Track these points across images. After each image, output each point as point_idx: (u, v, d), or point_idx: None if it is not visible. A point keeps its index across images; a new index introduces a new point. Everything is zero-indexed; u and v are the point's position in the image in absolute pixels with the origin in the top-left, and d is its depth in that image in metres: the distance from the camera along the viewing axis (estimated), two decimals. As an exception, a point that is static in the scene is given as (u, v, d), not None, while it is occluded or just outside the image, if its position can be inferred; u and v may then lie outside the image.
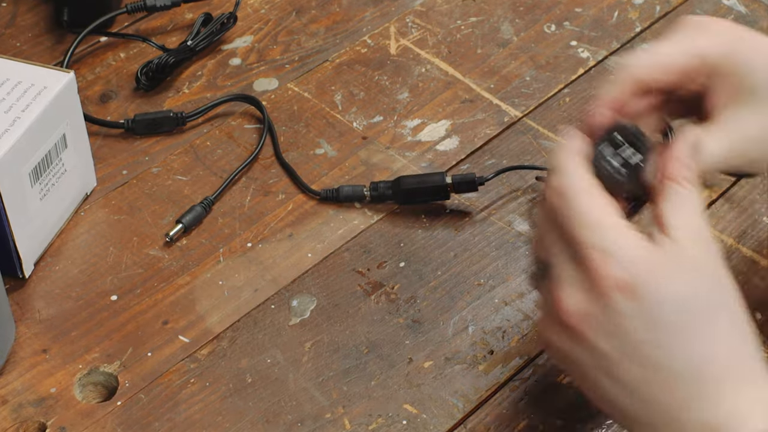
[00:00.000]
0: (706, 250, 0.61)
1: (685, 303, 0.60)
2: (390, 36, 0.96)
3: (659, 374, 0.60)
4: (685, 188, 0.62)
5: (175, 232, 0.81)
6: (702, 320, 0.60)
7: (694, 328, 0.60)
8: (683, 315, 0.60)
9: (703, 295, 0.61)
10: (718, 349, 0.60)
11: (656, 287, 0.60)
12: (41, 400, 0.72)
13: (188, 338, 0.76)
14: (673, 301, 0.60)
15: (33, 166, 0.76)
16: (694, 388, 0.60)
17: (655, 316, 0.60)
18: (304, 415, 0.72)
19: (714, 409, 0.59)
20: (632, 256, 0.60)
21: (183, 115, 0.88)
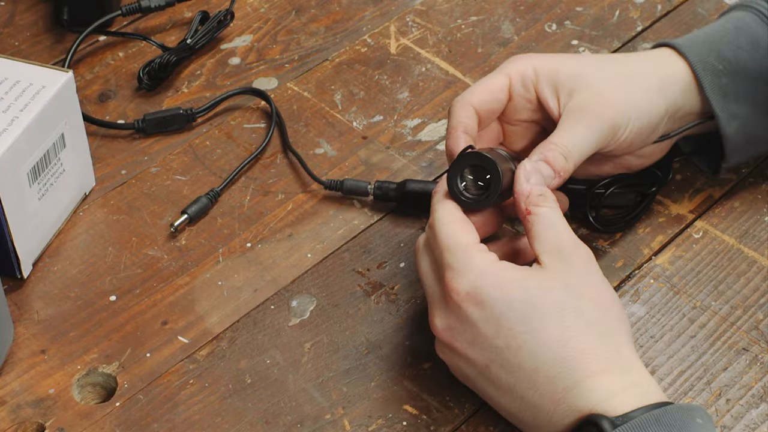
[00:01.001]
0: (565, 265, 0.68)
1: (527, 305, 0.66)
2: (390, 35, 0.96)
3: (523, 374, 0.66)
4: (536, 214, 0.69)
5: (180, 223, 0.81)
6: (547, 320, 0.66)
7: (542, 328, 0.65)
8: (526, 316, 0.66)
9: (545, 297, 0.66)
10: (572, 343, 0.65)
11: (499, 295, 0.66)
12: (40, 401, 0.72)
13: (187, 339, 0.76)
14: (516, 304, 0.66)
15: (31, 165, 0.76)
16: (559, 383, 0.65)
17: (502, 321, 0.66)
18: (303, 416, 0.72)
19: (584, 399, 0.64)
20: (479, 271, 0.67)
21: (193, 112, 0.88)
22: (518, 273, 0.67)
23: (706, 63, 0.78)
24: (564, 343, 0.65)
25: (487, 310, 0.66)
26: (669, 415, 0.63)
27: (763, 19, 0.79)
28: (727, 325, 0.76)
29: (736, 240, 0.81)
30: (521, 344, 0.66)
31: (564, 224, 0.69)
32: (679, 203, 0.83)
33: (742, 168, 0.85)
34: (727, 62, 0.78)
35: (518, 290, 0.66)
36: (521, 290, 0.66)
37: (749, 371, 0.74)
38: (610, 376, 0.65)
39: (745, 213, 0.83)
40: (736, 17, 0.81)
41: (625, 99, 0.75)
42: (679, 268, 0.80)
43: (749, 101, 0.78)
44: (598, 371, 0.65)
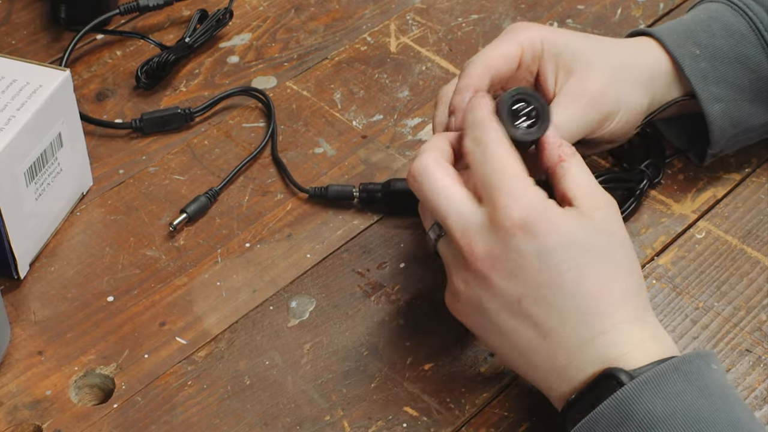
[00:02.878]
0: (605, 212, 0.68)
1: (578, 245, 0.66)
2: (390, 33, 0.96)
3: (555, 312, 0.66)
4: (568, 162, 0.69)
5: (179, 222, 0.80)
6: (593, 263, 0.66)
7: (585, 268, 0.66)
8: (576, 256, 0.66)
9: (594, 241, 0.66)
10: (609, 289, 0.66)
11: (553, 229, 0.66)
12: (36, 403, 0.72)
13: (185, 340, 0.75)
14: (568, 242, 0.66)
15: (28, 165, 0.76)
16: (588, 326, 0.66)
17: (552, 256, 0.66)
18: (302, 418, 0.71)
19: (608, 348, 0.65)
20: (533, 202, 0.66)
21: (191, 111, 0.88)
22: (571, 213, 0.67)
23: (684, 48, 0.79)
24: (606, 287, 0.66)
25: (539, 241, 0.66)
26: (687, 363, 0.64)
27: (735, 8, 0.81)
28: (730, 326, 0.76)
29: (739, 240, 0.81)
30: (564, 282, 0.65)
31: (590, 175, 0.69)
32: (682, 203, 0.83)
33: (745, 167, 0.85)
34: (704, 47, 0.79)
35: (571, 229, 0.66)
36: (574, 229, 0.66)
37: (752, 372, 0.73)
38: (637, 327, 0.66)
39: (748, 213, 0.82)
40: (708, 8, 0.83)
41: (618, 92, 0.77)
42: (681, 268, 0.79)
43: (730, 85, 0.79)
44: (628, 320, 0.66)
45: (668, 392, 0.62)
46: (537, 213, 0.66)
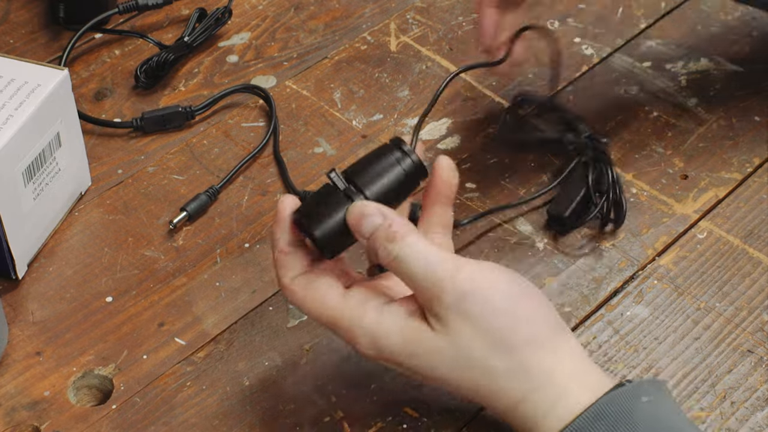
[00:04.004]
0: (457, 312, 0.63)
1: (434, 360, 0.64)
2: (390, 32, 0.96)
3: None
4: (400, 247, 0.63)
5: (178, 220, 0.80)
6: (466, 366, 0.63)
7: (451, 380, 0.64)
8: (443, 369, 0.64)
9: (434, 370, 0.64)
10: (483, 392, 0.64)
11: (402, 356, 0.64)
12: (34, 404, 0.72)
13: (184, 341, 0.75)
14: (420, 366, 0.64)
15: (26, 165, 0.75)
16: (494, 406, 0.64)
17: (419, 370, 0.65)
18: (302, 419, 0.71)
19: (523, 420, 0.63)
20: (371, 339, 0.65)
21: (192, 109, 0.87)
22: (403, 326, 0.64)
23: None
24: (475, 392, 0.64)
25: (403, 368, 0.65)
26: (611, 405, 0.61)
27: None
28: (732, 327, 0.75)
29: (741, 240, 0.80)
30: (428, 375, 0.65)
31: (432, 252, 0.63)
32: (683, 203, 0.83)
33: (747, 167, 0.85)
34: None
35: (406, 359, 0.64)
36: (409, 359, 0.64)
37: (754, 373, 0.73)
38: (542, 392, 0.63)
39: (749, 213, 0.82)
40: None
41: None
42: (683, 268, 0.79)
43: None
44: (530, 388, 0.63)
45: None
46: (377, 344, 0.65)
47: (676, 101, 0.89)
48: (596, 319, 0.76)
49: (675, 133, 0.87)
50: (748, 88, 0.90)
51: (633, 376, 0.73)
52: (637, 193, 0.83)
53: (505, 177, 0.85)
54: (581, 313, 0.77)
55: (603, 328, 0.76)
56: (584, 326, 0.76)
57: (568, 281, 0.78)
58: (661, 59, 0.92)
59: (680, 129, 0.88)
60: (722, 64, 0.92)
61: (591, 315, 0.77)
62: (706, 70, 0.92)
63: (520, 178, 0.85)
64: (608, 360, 0.74)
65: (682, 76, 0.91)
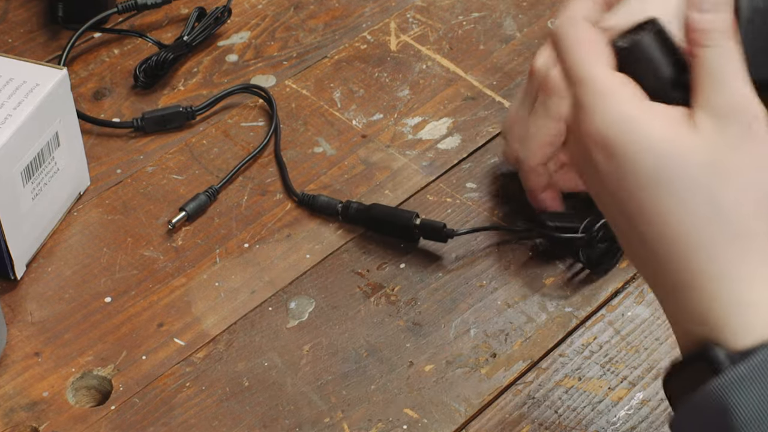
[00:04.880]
0: (730, 124, 0.54)
1: (673, 174, 0.54)
2: (390, 32, 0.95)
3: (640, 238, 0.56)
4: (699, 56, 0.55)
5: (177, 220, 0.80)
6: (694, 200, 0.54)
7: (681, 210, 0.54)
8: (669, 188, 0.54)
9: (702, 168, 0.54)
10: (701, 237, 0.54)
11: (634, 149, 0.55)
12: (33, 405, 0.71)
13: (184, 341, 0.75)
14: (656, 167, 0.54)
15: (25, 165, 0.75)
16: (682, 268, 0.55)
17: (634, 183, 0.55)
18: (302, 420, 0.71)
19: (709, 303, 0.54)
20: (617, 113, 0.56)
21: (192, 109, 0.87)
22: (663, 132, 0.54)
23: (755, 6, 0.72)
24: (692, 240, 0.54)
25: (616, 166, 0.55)
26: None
27: None
28: (734, 327, 0.75)
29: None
30: (649, 225, 0.55)
31: (736, 72, 0.55)
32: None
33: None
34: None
35: (655, 156, 0.54)
36: (658, 156, 0.54)
37: (756, 374, 0.73)
38: (754, 283, 0.53)
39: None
40: None
41: None
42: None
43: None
44: (742, 270, 0.54)
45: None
46: (618, 127, 0.55)
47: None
48: (597, 319, 0.76)
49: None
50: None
51: (634, 377, 0.73)
52: (638, 193, 0.83)
53: (506, 177, 0.84)
54: (582, 314, 0.76)
55: (604, 329, 0.76)
56: (585, 327, 0.76)
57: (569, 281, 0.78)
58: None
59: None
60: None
61: (592, 315, 0.76)
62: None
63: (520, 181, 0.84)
64: (609, 361, 0.74)
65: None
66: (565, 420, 0.71)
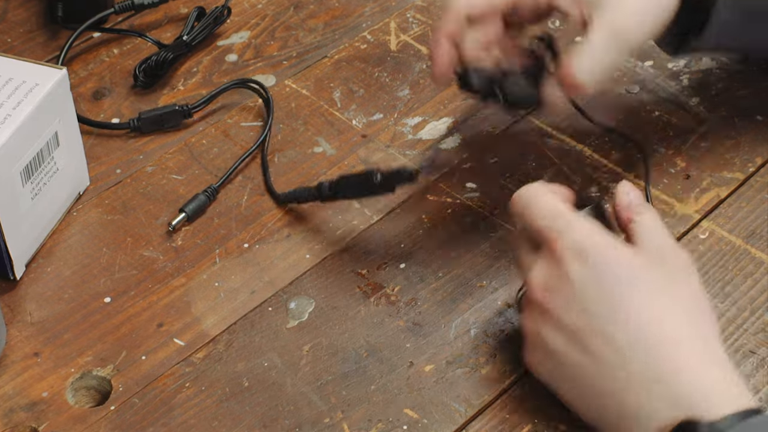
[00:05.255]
0: (671, 256, 0.67)
1: (637, 275, 0.65)
2: (390, 31, 0.95)
3: (617, 347, 0.63)
4: (638, 218, 0.68)
5: (177, 222, 0.80)
6: (656, 295, 0.65)
7: (646, 300, 0.64)
8: (634, 286, 0.64)
9: (658, 273, 0.65)
10: (676, 325, 0.64)
11: (605, 257, 0.65)
12: (33, 405, 0.71)
13: (183, 341, 0.74)
14: (624, 272, 0.65)
15: (24, 164, 0.75)
16: (654, 364, 0.63)
17: (605, 285, 0.64)
18: (302, 420, 0.71)
19: (681, 390, 0.61)
20: (585, 232, 0.67)
21: (189, 108, 0.87)
22: (624, 247, 0.66)
23: None
24: (673, 323, 0.63)
25: (590, 269, 0.65)
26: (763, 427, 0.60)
27: None
28: (734, 327, 0.75)
29: (743, 240, 0.80)
30: (622, 314, 0.64)
31: (664, 230, 0.68)
32: (685, 203, 0.82)
33: (749, 166, 0.84)
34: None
35: (624, 260, 0.65)
36: (627, 260, 0.65)
37: (756, 374, 0.73)
38: (713, 369, 0.62)
39: (752, 213, 0.82)
40: None
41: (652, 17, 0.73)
42: (684, 269, 0.78)
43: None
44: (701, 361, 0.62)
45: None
46: (588, 241, 0.66)
47: (678, 101, 0.89)
48: (597, 319, 0.76)
49: (677, 133, 0.87)
50: (750, 87, 0.90)
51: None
52: (638, 193, 0.83)
53: (506, 177, 0.84)
54: (582, 314, 0.76)
55: (604, 329, 0.75)
56: (585, 327, 0.75)
57: (569, 281, 0.78)
58: (663, 58, 0.91)
59: (682, 128, 0.87)
60: (724, 64, 0.92)
61: (592, 315, 0.76)
62: (708, 69, 0.91)
63: (520, 178, 0.84)
64: (610, 361, 0.74)
65: (684, 75, 0.91)
66: (565, 421, 0.71)
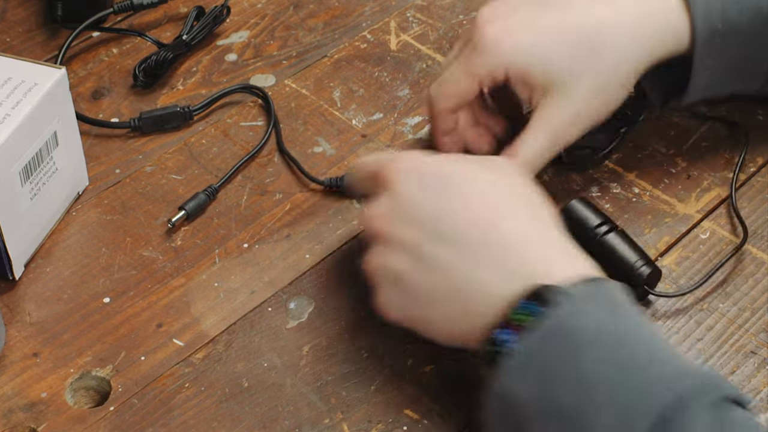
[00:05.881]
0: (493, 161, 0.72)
1: (463, 177, 0.69)
2: (390, 31, 0.95)
3: (460, 247, 0.66)
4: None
5: (177, 219, 0.80)
6: (482, 191, 0.68)
7: (477, 192, 0.68)
8: (463, 182, 0.68)
9: (482, 172, 0.69)
10: (508, 209, 0.68)
11: (436, 166, 0.70)
12: (31, 406, 0.71)
13: (183, 342, 0.74)
14: (455, 174, 0.69)
15: (23, 164, 0.75)
16: (497, 249, 0.66)
17: (432, 186, 0.68)
18: (301, 421, 0.70)
19: (527, 266, 0.65)
20: (414, 154, 0.72)
21: (190, 109, 0.87)
22: (453, 156, 0.74)
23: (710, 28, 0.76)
24: (505, 208, 0.67)
25: (418, 179, 0.69)
26: (613, 288, 0.64)
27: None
28: (735, 328, 0.75)
29: (744, 241, 0.80)
30: (453, 213, 0.67)
31: None
32: (686, 203, 0.82)
33: (750, 166, 0.84)
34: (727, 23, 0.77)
35: (449, 163, 0.70)
36: (452, 164, 0.70)
37: (757, 375, 0.73)
38: (546, 245, 0.67)
39: (753, 213, 0.81)
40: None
41: (596, 107, 0.76)
42: (685, 269, 0.78)
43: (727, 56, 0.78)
44: (539, 237, 0.67)
45: (600, 312, 0.62)
46: (418, 158, 0.71)
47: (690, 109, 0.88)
48: (598, 319, 0.76)
49: (678, 132, 0.87)
50: (750, 87, 0.90)
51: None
52: (639, 193, 0.83)
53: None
54: (583, 314, 0.76)
55: (605, 329, 0.75)
56: (586, 327, 0.75)
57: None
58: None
59: (683, 128, 0.87)
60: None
61: (593, 316, 0.76)
62: (709, 69, 0.91)
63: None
64: (610, 361, 0.73)
65: (684, 74, 0.91)
66: (566, 421, 0.71)
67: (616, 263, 0.74)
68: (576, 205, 0.76)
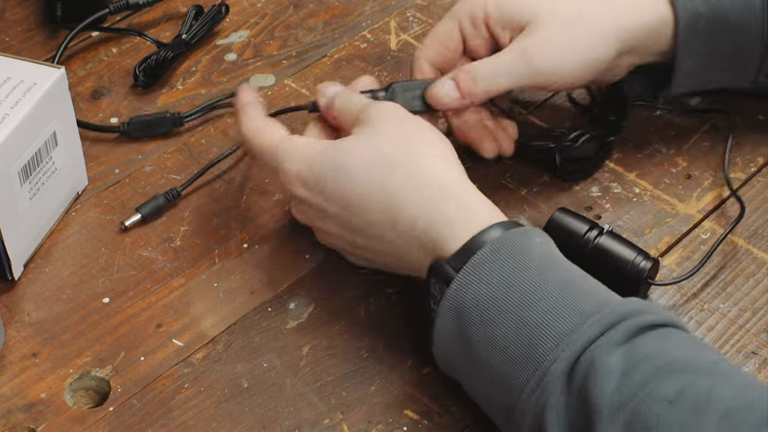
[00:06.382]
0: (367, 122, 0.74)
1: (338, 167, 0.71)
2: (390, 31, 0.95)
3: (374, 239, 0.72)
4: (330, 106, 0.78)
5: (131, 222, 0.80)
6: (357, 175, 0.71)
7: (354, 186, 0.71)
8: (343, 178, 0.71)
9: (349, 156, 0.72)
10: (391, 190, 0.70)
11: (312, 168, 0.72)
12: (31, 406, 0.71)
13: (182, 342, 0.74)
14: (331, 169, 0.72)
15: (22, 164, 0.75)
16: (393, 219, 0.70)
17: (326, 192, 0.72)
18: (301, 421, 0.70)
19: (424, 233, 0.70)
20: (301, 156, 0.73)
21: (180, 116, 0.86)
22: (321, 143, 0.74)
23: (692, 10, 0.78)
24: (383, 190, 0.70)
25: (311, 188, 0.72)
26: (507, 243, 0.67)
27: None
28: (736, 328, 0.75)
29: (745, 241, 0.80)
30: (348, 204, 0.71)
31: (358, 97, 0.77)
32: (687, 203, 0.82)
33: (751, 166, 0.84)
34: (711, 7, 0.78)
35: (325, 158, 0.72)
36: (327, 156, 0.72)
37: (758, 375, 0.73)
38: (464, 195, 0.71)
39: (754, 213, 0.81)
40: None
41: (569, 51, 0.77)
42: (686, 269, 0.78)
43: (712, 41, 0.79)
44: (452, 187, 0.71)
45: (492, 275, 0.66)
46: (302, 157, 0.73)
47: (680, 100, 0.88)
48: (598, 320, 0.76)
49: (678, 132, 0.87)
50: (751, 86, 0.90)
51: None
52: (640, 193, 0.83)
53: (506, 177, 0.84)
54: (583, 314, 0.76)
55: (605, 330, 0.75)
56: (586, 327, 0.75)
57: (570, 282, 0.78)
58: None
59: (684, 128, 0.87)
60: (725, 63, 0.91)
61: (593, 316, 0.76)
62: (709, 69, 0.91)
63: (521, 178, 0.84)
64: (611, 362, 0.73)
65: (684, 74, 0.91)
66: (566, 421, 0.71)
67: (616, 264, 0.74)
68: (559, 216, 0.77)
